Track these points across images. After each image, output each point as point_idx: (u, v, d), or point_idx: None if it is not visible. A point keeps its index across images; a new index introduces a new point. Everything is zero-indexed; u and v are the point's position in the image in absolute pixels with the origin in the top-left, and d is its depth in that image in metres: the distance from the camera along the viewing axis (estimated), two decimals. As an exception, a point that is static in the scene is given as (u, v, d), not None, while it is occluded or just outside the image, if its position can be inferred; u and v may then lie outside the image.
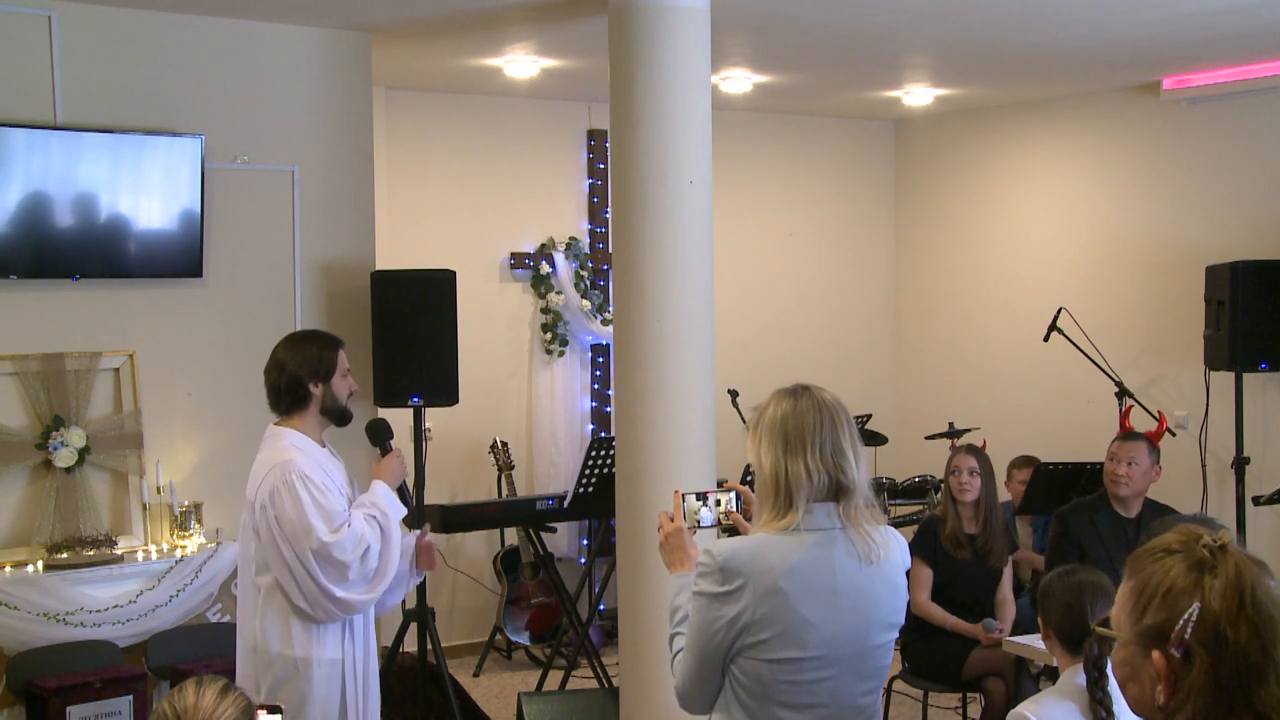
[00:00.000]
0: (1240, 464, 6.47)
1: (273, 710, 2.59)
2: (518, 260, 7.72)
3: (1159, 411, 6.89)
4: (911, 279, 9.05)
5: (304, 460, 3.91)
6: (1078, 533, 5.23)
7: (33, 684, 4.90)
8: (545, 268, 7.70)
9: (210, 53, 5.65)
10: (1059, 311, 7.24)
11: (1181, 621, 1.66)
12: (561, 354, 7.79)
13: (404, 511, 4.14)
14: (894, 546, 2.80)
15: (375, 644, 4.23)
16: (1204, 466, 6.96)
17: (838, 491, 2.72)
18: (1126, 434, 5.64)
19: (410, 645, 5.78)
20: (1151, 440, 5.43)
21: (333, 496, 3.91)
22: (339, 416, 4.07)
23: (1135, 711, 1.77)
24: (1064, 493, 5.99)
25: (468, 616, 7.61)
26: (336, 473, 4.05)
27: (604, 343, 7.77)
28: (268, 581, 3.92)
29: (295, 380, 3.97)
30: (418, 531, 4.27)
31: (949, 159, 8.76)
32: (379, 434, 4.31)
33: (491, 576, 7.52)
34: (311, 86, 5.91)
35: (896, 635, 2.84)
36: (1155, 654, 1.69)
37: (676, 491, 3.02)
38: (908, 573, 2.86)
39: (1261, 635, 1.65)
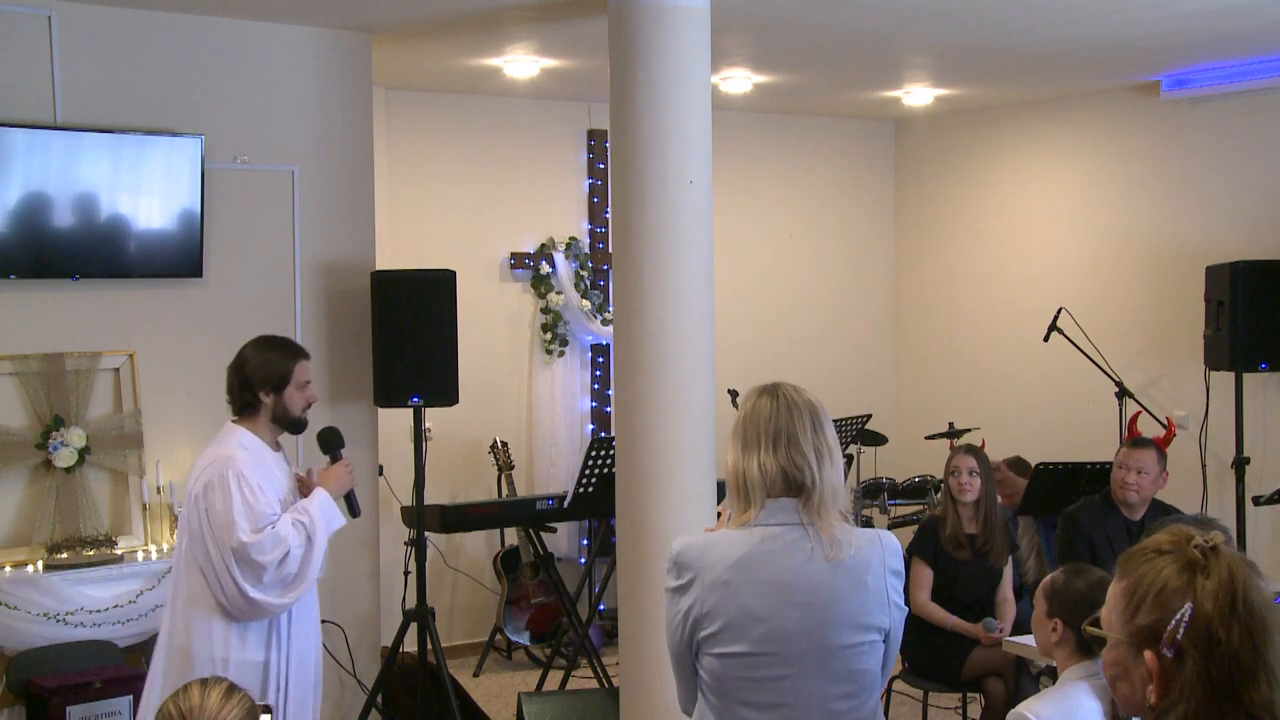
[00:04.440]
0: (1240, 464, 6.47)
1: (264, 710, 2.60)
2: (518, 260, 7.72)
3: (1167, 418, 6.89)
4: (911, 279, 9.05)
5: (245, 459, 3.97)
6: (1089, 530, 5.24)
7: (33, 684, 4.90)
8: (545, 268, 7.70)
9: (210, 53, 5.64)
10: (1059, 311, 7.24)
11: (1174, 622, 1.67)
12: (561, 354, 7.79)
13: (342, 521, 4.19)
14: (869, 548, 2.74)
15: (314, 652, 4.21)
16: (1204, 466, 6.96)
17: (797, 489, 2.71)
18: (1135, 440, 5.63)
19: (410, 645, 5.78)
20: (1160, 447, 5.43)
21: (265, 499, 3.95)
22: (291, 425, 4.15)
23: (1125, 711, 1.78)
24: (1064, 493, 5.99)
25: (468, 616, 7.61)
26: (282, 478, 4.11)
27: (604, 343, 7.76)
28: (196, 577, 3.96)
29: (247, 385, 4.08)
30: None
31: (949, 159, 8.76)
32: (329, 442, 4.40)
33: (491, 576, 7.52)
34: (311, 86, 5.91)
35: (878, 639, 2.76)
36: (1147, 654, 1.70)
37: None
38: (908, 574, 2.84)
39: (1253, 636, 1.66)
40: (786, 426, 2.73)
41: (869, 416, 7.88)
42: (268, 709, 2.64)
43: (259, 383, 4.05)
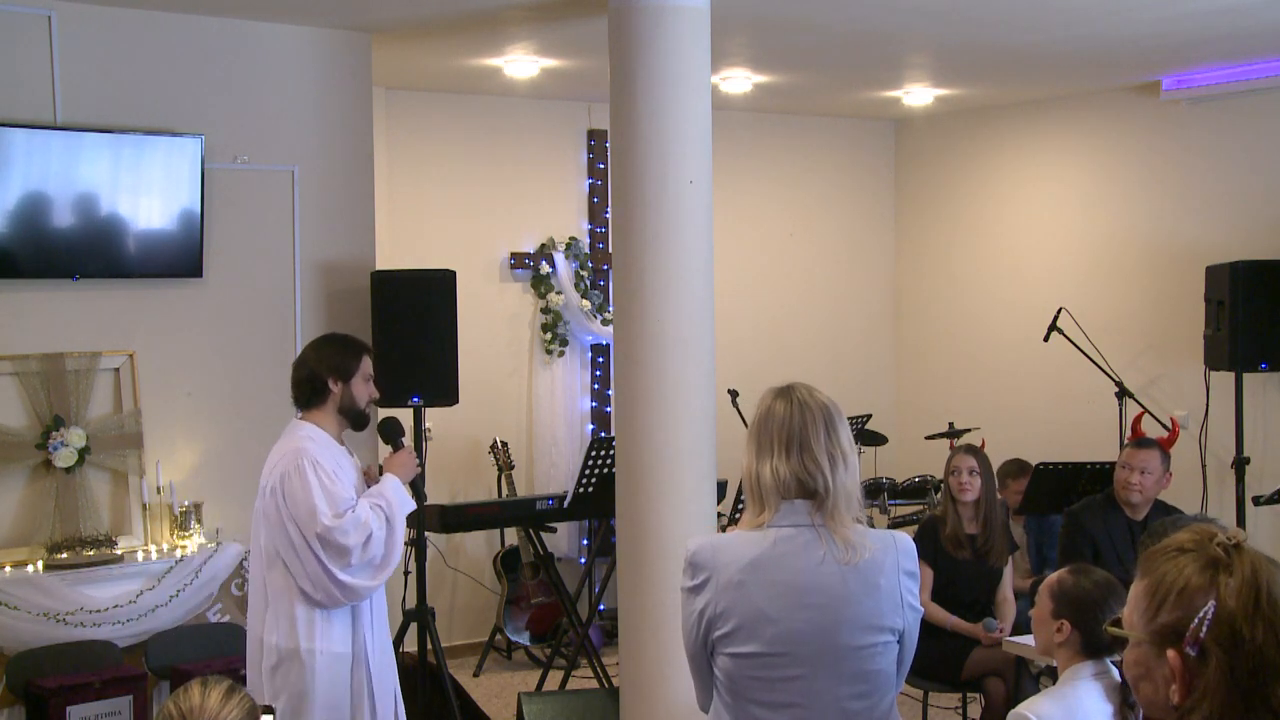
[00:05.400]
0: (1240, 464, 6.46)
1: (264, 710, 2.60)
2: (518, 260, 7.72)
3: (1171, 419, 6.89)
4: (911, 279, 9.05)
5: (316, 449, 4.04)
6: (1092, 530, 5.24)
7: (33, 684, 4.90)
8: (545, 268, 7.70)
9: (210, 53, 5.64)
10: (1059, 311, 7.24)
11: (1197, 620, 1.65)
12: (561, 354, 7.79)
13: (412, 506, 4.26)
14: (880, 550, 2.74)
15: (389, 642, 4.30)
16: (1204, 466, 6.95)
17: (810, 494, 2.72)
18: (1139, 441, 5.62)
19: (410, 645, 5.78)
20: (1164, 447, 5.43)
21: (341, 485, 4.03)
22: (355, 418, 4.21)
23: (1147, 712, 1.75)
24: (1064, 493, 5.98)
25: (468, 616, 7.61)
26: (349, 469, 4.16)
27: (604, 343, 7.76)
28: (278, 570, 4.01)
29: (315, 376, 4.13)
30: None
31: (949, 159, 8.76)
32: (391, 432, 4.50)
33: (491, 576, 7.52)
34: (311, 86, 5.91)
35: (892, 640, 2.76)
36: (1170, 653, 1.68)
37: None
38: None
39: (1277, 633, 1.65)
40: (800, 432, 2.73)
41: (869, 416, 7.88)
42: (269, 709, 2.64)
43: (327, 372, 4.12)
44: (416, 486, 4.35)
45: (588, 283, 7.83)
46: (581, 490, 6.18)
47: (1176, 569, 1.71)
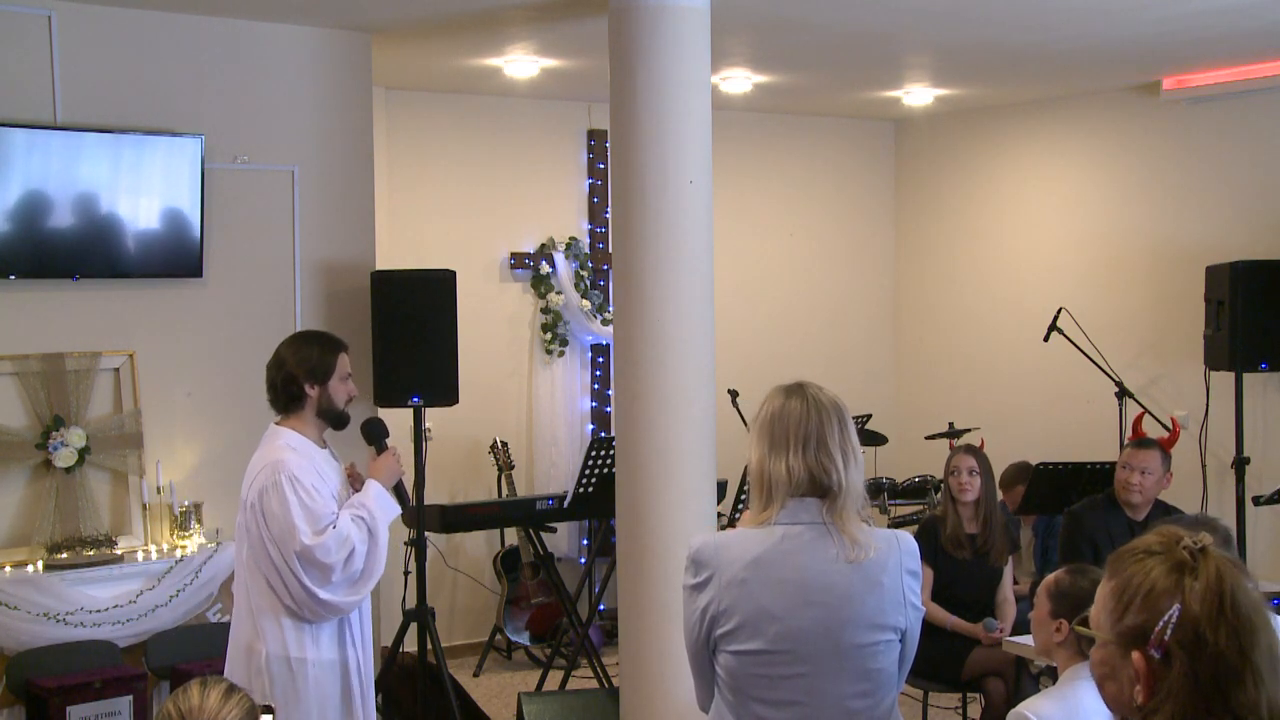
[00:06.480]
0: (1240, 464, 6.46)
1: (264, 710, 2.60)
2: (518, 260, 7.72)
3: (1172, 419, 6.89)
4: (911, 279, 9.05)
5: (296, 461, 3.89)
6: (1092, 530, 5.24)
7: (33, 684, 4.90)
8: (545, 268, 7.70)
9: (210, 53, 5.65)
10: (1059, 311, 7.24)
11: (1161, 623, 1.67)
12: (561, 354, 7.79)
13: (397, 511, 4.14)
14: (884, 549, 2.75)
15: (372, 644, 4.22)
16: (1204, 466, 6.95)
17: (822, 491, 2.73)
18: (1139, 441, 5.62)
19: (410, 645, 5.78)
20: (1164, 448, 5.43)
21: (321, 499, 3.89)
22: (335, 420, 4.06)
23: (1112, 710, 1.79)
24: (1064, 493, 5.99)
25: (468, 616, 7.61)
26: (332, 474, 4.04)
27: (604, 343, 7.77)
28: (260, 583, 3.91)
29: (291, 380, 3.97)
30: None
31: (949, 159, 8.76)
32: (374, 433, 4.33)
33: (491, 576, 7.52)
34: (311, 86, 5.91)
35: (895, 638, 2.77)
36: (1135, 654, 1.70)
37: None
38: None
39: (1240, 638, 1.67)
40: (816, 429, 2.74)
41: (869, 416, 7.88)
42: (269, 709, 2.63)
43: (303, 376, 3.95)
44: (399, 490, 4.19)
45: (588, 283, 7.83)
46: (581, 490, 6.19)
47: (1143, 571, 1.73)
